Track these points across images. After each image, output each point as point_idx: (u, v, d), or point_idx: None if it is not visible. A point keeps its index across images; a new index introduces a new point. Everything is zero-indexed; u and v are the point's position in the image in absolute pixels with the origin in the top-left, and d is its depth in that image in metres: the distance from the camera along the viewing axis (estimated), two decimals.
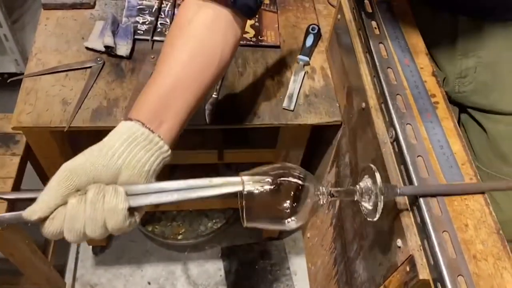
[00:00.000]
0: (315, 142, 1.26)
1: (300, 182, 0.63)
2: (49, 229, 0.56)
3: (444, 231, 0.63)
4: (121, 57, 1.10)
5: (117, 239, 1.73)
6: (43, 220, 0.56)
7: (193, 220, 1.74)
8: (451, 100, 0.98)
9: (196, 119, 1.02)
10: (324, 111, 1.06)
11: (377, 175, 0.62)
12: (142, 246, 1.73)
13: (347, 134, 0.98)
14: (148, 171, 0.61)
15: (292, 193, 0.63)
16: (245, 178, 0.62)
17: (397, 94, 0.78)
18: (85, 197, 0.56)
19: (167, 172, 1.52)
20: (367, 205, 0.65)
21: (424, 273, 0.63)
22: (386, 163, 0.74)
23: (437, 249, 0.61)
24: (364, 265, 0.87)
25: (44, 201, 0.56)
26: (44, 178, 1.49)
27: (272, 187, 0.62)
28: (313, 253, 1.33)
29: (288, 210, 0.62)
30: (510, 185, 0.77)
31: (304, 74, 1.12)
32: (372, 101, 0.83)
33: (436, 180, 0.68)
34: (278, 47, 1.18)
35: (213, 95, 1.05)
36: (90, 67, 1.07)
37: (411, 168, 0.70)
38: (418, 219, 0.66)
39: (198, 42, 0.69)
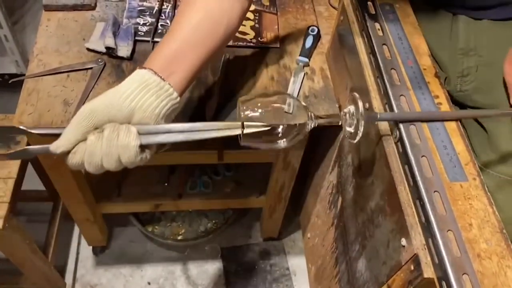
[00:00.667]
0: (316, 142, 1.26)
1: (291, 108, 0.72)
2: (72, 161, 0.64)
3: (448, 230, 0.64)
4: (122, 58, 1.10)
5: (117, 239, 1.73)
6: (66, 153, 0.64)
7: (192, 220, 1.74)
8: (453, 100, 0.98)
9: (196, 119, 1.03)
10: (323, 112, 1.06)
11: (360, 102, 0.70)
12: (142, 246, 1.73)
13: None
14: (158, 114, 0.68)
15: (284, 118, 0.71)
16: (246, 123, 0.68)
17: (401, 95, 0.79)
18: (102, 134, 0.64)
19: (167, 172, 1.53)
20: (349, 129, 0.73)
21: (428, 272, 0.63)
22: (390, 163, 0.75)
23: (442, 248, 0.62)
24: (367, 265, 0.87)
25: (67, 137, 0.64)
26: (45, 179, 1.50)
27: (266, 113, 0.71)
28: (314, 253, 1.33)
29: (280, 134, 0.71)
30: (486, 113, 0.88)
31: (304, 75, 1.12)
32: (376, 101, 0.83)
33: (440, 180, 0.69)
34: (277, 48, 1.18)
35: (213, 95, 1.05)
36: (91, 68, 1.07)
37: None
38: (423, 218, 0.66)
39: (206, 10, 0.77)
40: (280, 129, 0.70)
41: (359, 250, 0.92)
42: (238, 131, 0.68)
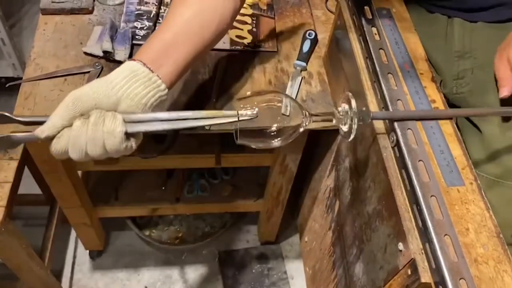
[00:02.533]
0: (314, 146, 1.26)
1: (288, 110, 0.74)
2: (56, 146, 0.64)
3: (445, 234, 0.64)
4: (119, 62, 1.09)
5: (114, 243, 1.73)
6: (51, 139, 0.64)
7: (190, 224, 1.74)
8: (449, 103, 0.99)
9: None
10: None
11: (353, 101, 0.71)
12: (139, 250, 1.73)
13: None
14: (145, 104, 0.69)
15: (279, 117, 0.73)
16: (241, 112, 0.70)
17: (398, 99, 0.79)
18: (88, 120, 0.64)
19: (165, 176, 1.53)
20: (344, 127, 0.75)
21: (425, 277, 0.63)
22: (387, 167, 0.75)
23: (439, 252, 0.62)
24: (364, 269, 0.87)
25: (52, 122, 0.64)
26: (42, 183, 1.49)
27: (262, 112, 0.71)
28: (311, 257, 1.33)
29: (275, 132, 0.72)
30: (479, 112, 0.89)
31: (301, 79, 1.12)
32: (373, 106, 0.83)
33: (437, 184, 0.69)
34: (275, 52, 1.18)
35: (211, 101, 1.05)
36: (88, 72, 1.07)
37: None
38: (420, 222, 0.66)
39: (199, 6, 0.78)
40: (274, 128, 0.72)
41: (356, 254, 0.92)
42: (227, 119, 0.69)
